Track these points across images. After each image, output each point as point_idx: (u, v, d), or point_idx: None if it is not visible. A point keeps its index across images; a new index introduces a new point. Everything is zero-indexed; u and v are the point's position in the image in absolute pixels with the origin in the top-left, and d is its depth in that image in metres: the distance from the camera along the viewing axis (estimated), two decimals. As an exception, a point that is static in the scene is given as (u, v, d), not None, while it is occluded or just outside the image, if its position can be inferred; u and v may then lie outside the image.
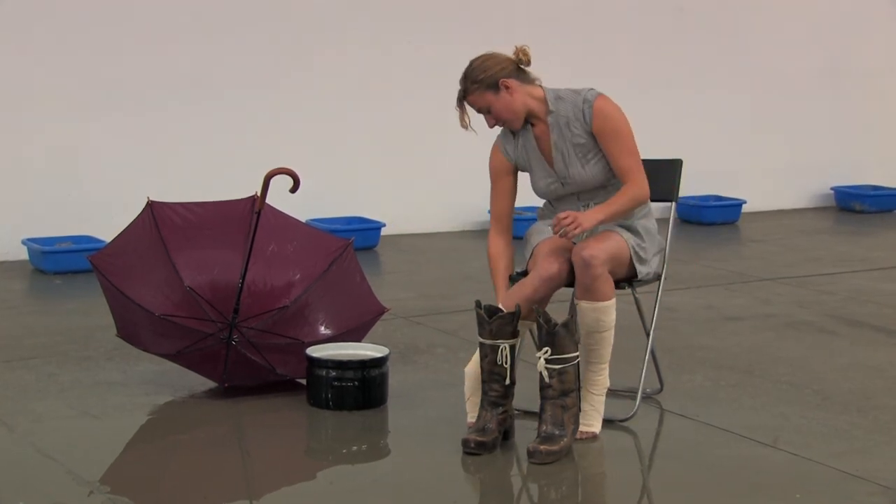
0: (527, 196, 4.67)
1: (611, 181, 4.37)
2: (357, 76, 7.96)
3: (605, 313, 4.26)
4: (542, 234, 4.42)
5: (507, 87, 4.30)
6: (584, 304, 4.25)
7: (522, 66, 4.34)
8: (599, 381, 4.34)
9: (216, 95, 7.59)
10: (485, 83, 4.30)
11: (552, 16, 8.42)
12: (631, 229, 4.40)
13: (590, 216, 4.22)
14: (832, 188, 9.57)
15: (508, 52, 4.38)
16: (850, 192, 9.47)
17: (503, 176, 4.47)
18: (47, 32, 7.16)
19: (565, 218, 4.18)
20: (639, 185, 4.31)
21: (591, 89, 4.35)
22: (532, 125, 4.39)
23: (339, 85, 7.92)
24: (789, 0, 9.38)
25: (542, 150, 4.40)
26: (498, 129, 4.46)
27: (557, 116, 4.33)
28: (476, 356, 4.31)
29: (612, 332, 4.31)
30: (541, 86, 4.36)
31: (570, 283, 4.33)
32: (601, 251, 4.22)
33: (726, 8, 9.15)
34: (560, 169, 4.37)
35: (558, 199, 4.46)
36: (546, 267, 4.27)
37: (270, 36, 7.72)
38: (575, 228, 4.17)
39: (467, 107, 4.38)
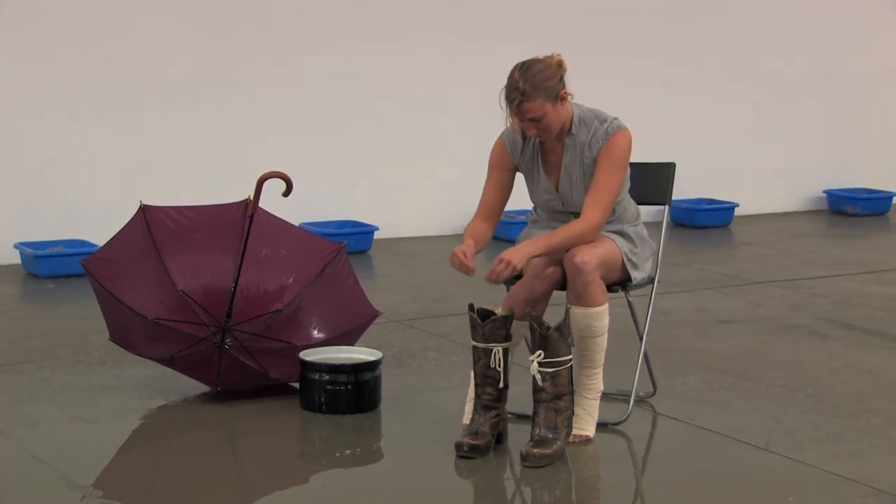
0: (519, 200, 4.67)
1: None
2: (350, 79, 7.96)
3: (597, 319, 4.26)
4: (533, 237, 4.42)
5: (563, 100, 4.22)
6: (576, 310, 4.24)
7: (564, 78, 4.25)
8: (593, 386, 4.34)
9: (209, 100, 7.58)
10: (547, 92, 4.16)
11: (548, 17, 8.42)
12: (623, 234, 4.40)
13: (521, 251, 4.13)
14: (825, 191, 9.59)
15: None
16: (842, 195, 9.48)
17: (502, 170, 4.41)
18: (39, 37, 7.16)
19: (497, 264, 4.09)
20: (588, 223, 4.21)
21: (616, 119, 4.29)
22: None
23: (332, 88, 7.92)
24: (783, 4, 9.40)
25: (548, 166, 4.37)
26: (495, 126, 4.39)
27: (576, 140, 4.30)
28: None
29: (605, 337, 4.31)
30: (571, 101, 4.29)
31: (564, 286, 4.33)
32: (593, 257, 4.22)
33: (721, 12, 9.16)
34: (564, 191, 4.36)
35: (553, 212, 4.46)
36: (541, 266, 4.28)
37: (263, 39, 7.72)
38: (506, 269, 4.09)
39: (518, 112, 4.18)
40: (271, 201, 4.85)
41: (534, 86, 4.14)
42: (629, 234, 4.41)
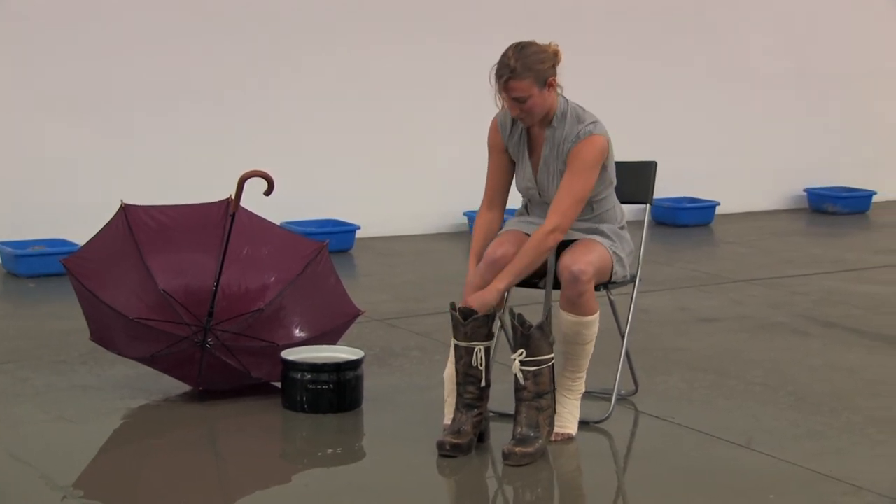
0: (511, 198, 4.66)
1: (588, 200, 4.33)
2: (333, 79, 7.96)
3: (588, 327, 4.26)
4: (508, 227, 4.44)
5: (550, 87, 4.22)
6: (567, 317, 4.25)
7: (556, 67, 4.26)
8: (575, 388, 4.35)
9: (190, 98, 7.57)
10: (537, 74, 4.16)
11: (531, 16, 8.43)
12: (600, 233, 4.38)
13: (488, 297, 4.13)
14: (805, 190, 9.62)
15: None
16: (822, 193, 9.52)
17: (499, 152, 4.42)
18: (21, 37, 7.13)
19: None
20: (544, 230, 4.18)
21: (595, 123, 4.26)
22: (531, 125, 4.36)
23: (314, 88, 7.91)
24: (764, 4, 9.43)
25: (531, 153, 4.38)
26: (485, 114, 4.38)
27: (556, 132, 4.30)
28: (453, 359, 4.31)
29: (593, 344, 4.31)
30: (560, 93, 4.29)
31: (527, 281, 4.32)
32: (589, 265, 4.20)
33: (702, 10, 9.18)
34: (542, 181, 4.36)
35: (533, 202, 4.46)
36: (490, 252, 4.28)
37: (246, 40, 7.70)
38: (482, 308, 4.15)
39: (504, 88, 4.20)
40: (253, 200, 4.84)
41: (525, 65, 4.15)
42: (605, 232, 4.39)
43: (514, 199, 4.52)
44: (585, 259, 4.21)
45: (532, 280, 4.36)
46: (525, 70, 4.15)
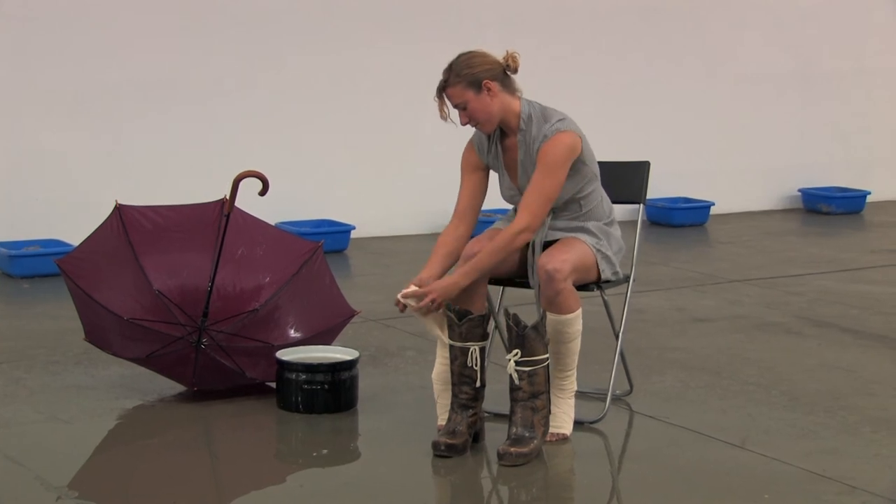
0: (496, 199, 4.67)
1: (574, 197, 4.34)
2: (327, 79, 7.96)
3: (569, 325, 4.25)
4: (493, 227, 4.43)
5: (488, 89, 4.24)
6: (548, 316, 4.25)
7: (509, 73, 4.29)
8: (566, 387, 4.35)
9: (185, 99, 7.57)
10: (467, 79, 4.23)
11: (522, 17, 8.43)
12: (586, 231, 4.37)
13: (448, 287, 4.17)
14: (799, 190, 9.63)
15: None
16: (817, 193, 9.53)
17: (473, 171, 4.44)
18: (13, 36, 7.13)
19: (426, 300, 4.18)
20: (514, 228, 4.19)
21: (562, 120, 4.26)
22: (504, 134, 4.38)
23: (309, 88, 7.91)
24: (758, 3, 9.44)
25: (508, 162, 4.38)
26: (470, 129, 4.41)
27: (526, 135, 4.31)
28: (439, 359, 4.32)
29: (578, 341, 4.30)
30: (520, 97, 4.31)
31: (519, 282, 4.32)
32: (565, 263, 4.20)
33: (696, 10, 9.19)
34: (523, 185, 4.36)
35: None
36: (468, 250, 4.29)
37: (239, 39, 7.70)
38: (433, 306, 4.17)
39: (446, 99, 4.30)
40: (248, 200, 4.84)
41: (455, 73, 4.25)
42: (591, 230, 4.37)
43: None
44: (561, 257, 4.21)
45: (523, 280, 4.37)
46: (455, 77, 4.24)
